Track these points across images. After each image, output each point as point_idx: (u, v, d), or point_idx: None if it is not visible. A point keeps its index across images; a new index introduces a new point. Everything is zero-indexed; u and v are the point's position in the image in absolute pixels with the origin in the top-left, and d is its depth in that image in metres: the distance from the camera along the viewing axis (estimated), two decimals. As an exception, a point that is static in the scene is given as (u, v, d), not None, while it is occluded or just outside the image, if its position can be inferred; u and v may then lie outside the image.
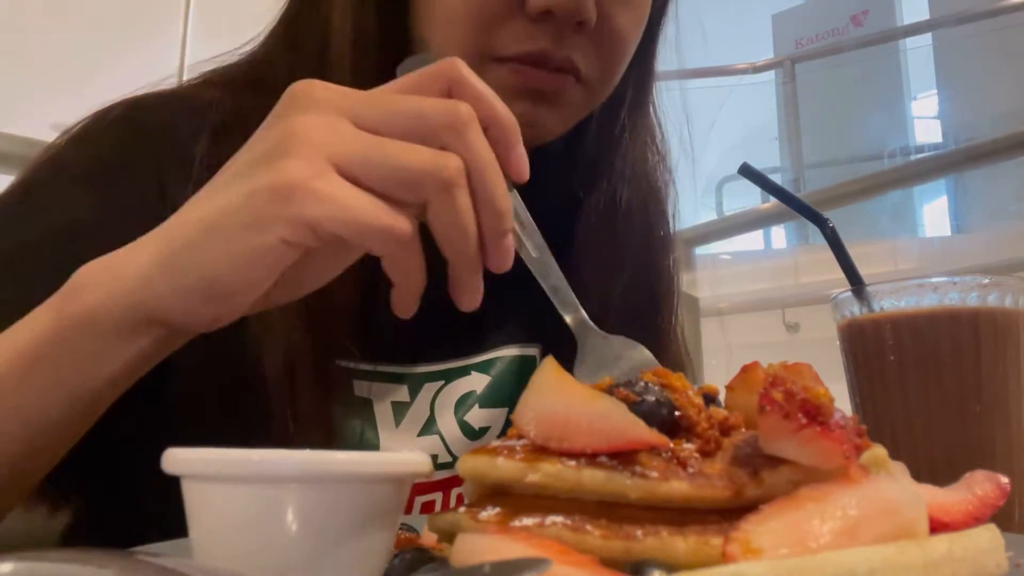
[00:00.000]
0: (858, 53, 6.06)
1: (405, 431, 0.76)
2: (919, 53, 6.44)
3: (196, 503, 0.38)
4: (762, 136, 6.34)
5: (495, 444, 0.40)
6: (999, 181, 5.24)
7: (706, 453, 0.37)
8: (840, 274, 0.66)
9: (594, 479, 0.36)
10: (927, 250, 5.55)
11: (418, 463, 0.39)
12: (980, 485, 0.43)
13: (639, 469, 0.36)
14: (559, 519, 0.36)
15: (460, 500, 0.77)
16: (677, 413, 0.39)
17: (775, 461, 0.36)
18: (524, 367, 0.83)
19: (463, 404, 0.79)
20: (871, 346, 0.63)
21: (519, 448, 0.39)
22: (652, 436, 0.37)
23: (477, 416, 0.79)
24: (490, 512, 0.38)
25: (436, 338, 0.74)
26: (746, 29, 6.61)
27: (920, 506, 0.36)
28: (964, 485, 0.43)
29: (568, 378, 0.39)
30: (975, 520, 0.40)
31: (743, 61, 5.67)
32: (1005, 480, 0.43)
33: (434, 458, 0.76)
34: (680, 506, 0.35)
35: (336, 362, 0.70)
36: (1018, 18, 5.29)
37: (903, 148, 6.18)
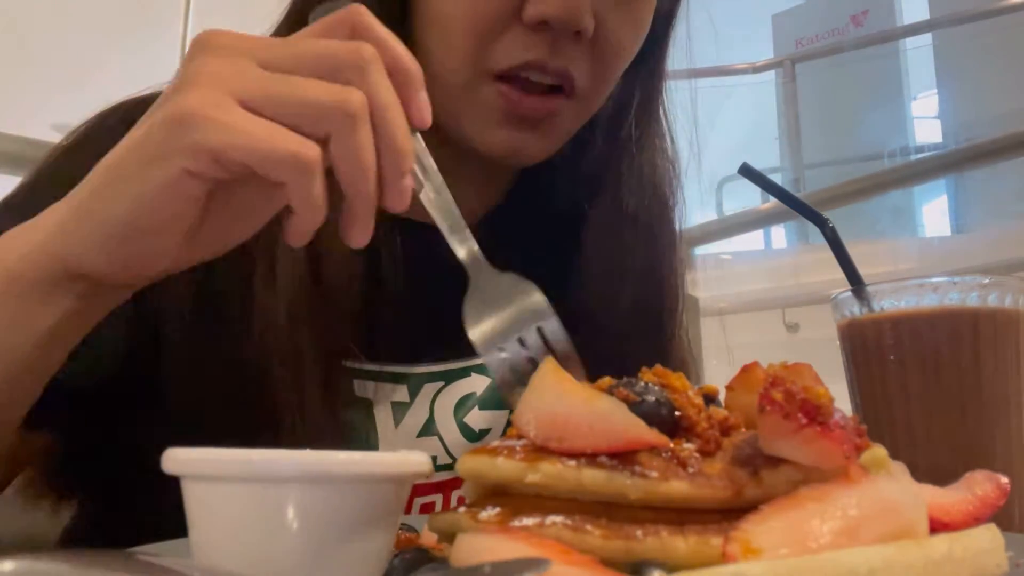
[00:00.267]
0: (858, 53, 6.05)
1: (404, 432, 0.75)
2: (919, 53, 6.43)
3: (196, 503, 0.38)
4: (762, 136, 6.34)
5: (495, 444, 0.40)
6: (999, 181, 5.24)
7: (706, 453, 0.37)
8: (840, 274, 0.66)
9: (594, 479, 0.36)
10: (927, 250, 5.54)
11: (418, 463, 0.39)
12: (980, 485, 0.43)
13: (639, 469, 0.36)
14: (559, 519, 0.36)
15: (460, 502, 0.77)
16: (677, 413, 0.39)
17: (775, 461, 0.36)
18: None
19: (463, 406, 0.78)
20: (871, 346, 0.63)
21: (519, 448, 0.39)
22: (652, 436, 0.37)
23: (477, 418, 0.79)
24: (490, 512, 0.38)
25: (436, 338, 0.74)
26: (746, 29, 6.61)
27: (920, 506, 0.36)
28: (964, 485, 0.43)
29: (568, 378, 0.39)
30: (975, 520, 0.40)
31: (743, 61, 5.67)
32: (1005, 480, 0.43)
33: (433, 460, 0.75)
34: (680, 506, 0.35)
35: (341, 362, 0.70)
36: (1018, 18, 5.29)
37: (903, 148, 6.17)
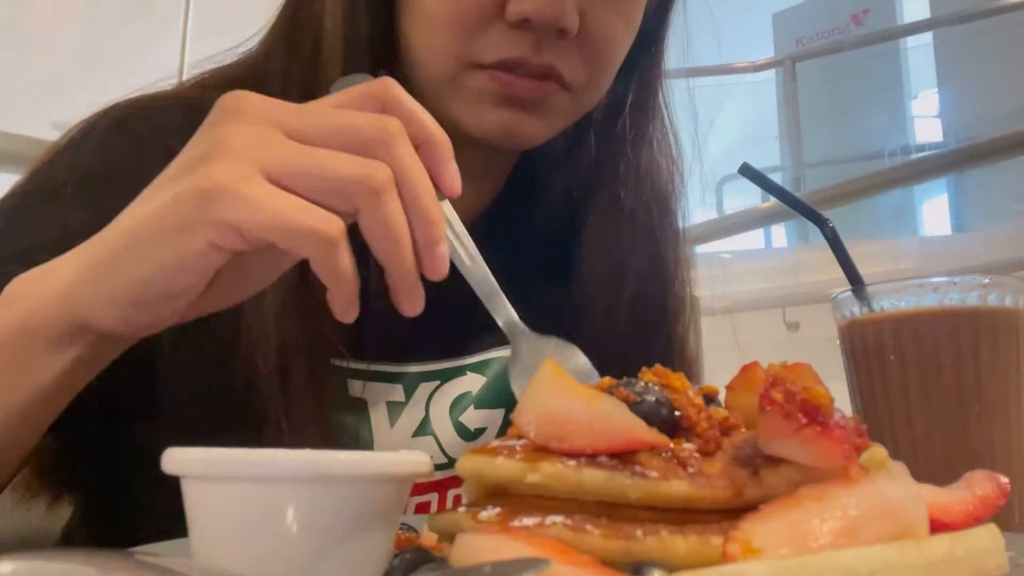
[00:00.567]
0: (859, 52, 6.04)
1: (400, 432, 0.75)
2: (920, 52, 6.43)
3: (196, 503, 0.38)
4: (762, 135, 6.34)
5: (495, 444, 0.40)
6: (999, 180, 5.24)
7: (706, 453, 0.37)
8: (840, 273, 0.66)
9: (594, 479, 0.36)
10: (927, 249, 5.54)
11: (418, 463, 0.39)
12: (980, 485, 0.42)
13: (639, 469, 0.36)
14: (559, 519, 0.36)
15: (456, 501, 0.77)
16: (677, 413, 0.39)
17: (775, 461, 0.36)
18: None
19: (458, 405, 0.78)
20: (871, 346, 0.63)
21: (519, 448, 0.39)
22: (652, 436, 0.37)
23: (473, 417, 0.78)
24: (490, 512, 0.38)
25: (430, 337, 0.74)
26: (746, 28, 6.61)
27: (920, 506, 0.36)
28: (964, 485, 0.43)
29: (568, 378, 0.39)
30: (975, 520, 0.40)
31: (743, 60, 5.66)
32: (1005, 480, 0.43)
33: None
34: (680, 506, 0.35)
35: (330, 361, 0.70)
36: (1018, 17, 5.29)
37: (903, 147, 6.17)
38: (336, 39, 0.70)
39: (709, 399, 0.42)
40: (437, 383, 0.77)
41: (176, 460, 0.37)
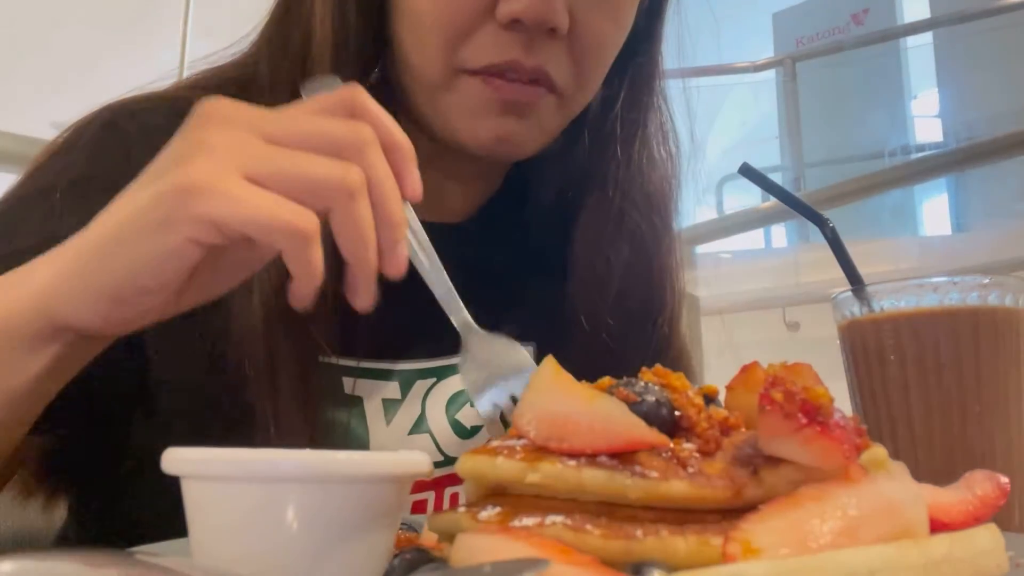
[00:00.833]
0: (859, 52, 6.04)
1: (396, 429, 0.75)
2: (920, 52, 6.43)
3: (196, 503, 0.38)
4: (762, 135, 6.34)
5: (495, 444, 0.40)
6: (999, 180, 5.24)
7: (706, 453, 0.37)
8: (840, 273, 0.66)
9: (594, 479, 0.36)
10: (927, 249, 5.54)
11: (418, 463, 0.39)
12: (980, 485, 0.42)
13: (639, 469, 0.36)
14: (559, 519, 0.36)
15: (454, 499, 0.77)
16: (677, 413, 0.39)
17: (775, 461, 0.36)
18: None
19: (454, 402, 0.78)
20: (871, 346, 0.63)
21: (519, 448, 0.39)
22: (652, 436, 0.37)
23: (469, 415, 0.78)
24: (490, 512, 0.38)
25: (426, 334, 0.74)
26: (746, 27, 6.61)
27: (920, 506, 0.36)
28: (964, 485, 0.43)
29: (568, 378, 0.39)
30: (975, 520, 0.40)
31: (743, 59, 5.66)
32: (1005, 480, 0.43)
33: None
34: (680, 506, 0.36)
35: (321, 359, 0.70)
36: (1018, 17, 5.28)
37: (904, 147, 6.17)
38: (325, 41, 0.70)
39: (709, 399, 0.42)
40: (433, 380, 0.77)
41: (176, 460, 0.37)
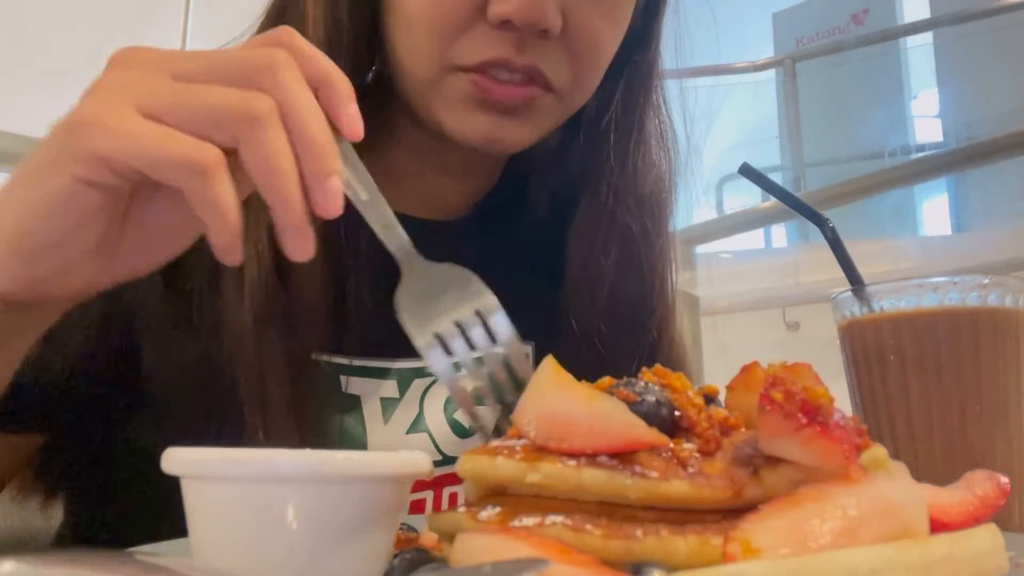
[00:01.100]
0: (859, 52, 6.04)
1: (394, 428, 0.75)
2: (920, 52, 6.43)
3: (196, 503, 0.38)
4: (762, 135, 6.33)
5: (495, 444, 0.40)
6: (1000, 180, 5.23)
7: (706, 453, 0.37)
8: (840, 273, 0.66)
9: (594, 479, 0.36)
10: (927, 249, 5.54)
11: (418, 463, 0.39)
12: (980, 485, 0.43)
13: (639, 469, 0.36)
14: (559, 519, 0.36)
15: (452, 498, 0.77)
16: (677, 413, 0.39)
17: (775, 461, 0.36)
18: None
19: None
20: (871, 346, 0.63)
21: (519, 448, 0.39)
22: (652, 436, 0.37)
23: None
24: (490, 512, 0.38)
25: None
26: (746, 27, 6.61)
27: (920, 506, 0.36)
28: (964, 485, 0.43)
29: (568, 378, 0.39)
30: (975, 520, 0.40)
31: (743, 60, 5.66)
32: (1005, 480, 0.43)
33: None
34: (680, 506, 0.35)
35: (315, 358, 0.69)
36: (1018, 17, 5.28)
37: (904, 147, 6.17)
38: (318, 42, 0.70)
39: (709, 399, 0.42)
40: (432, 379, 0.77)
41: (176, 460, 0.37)
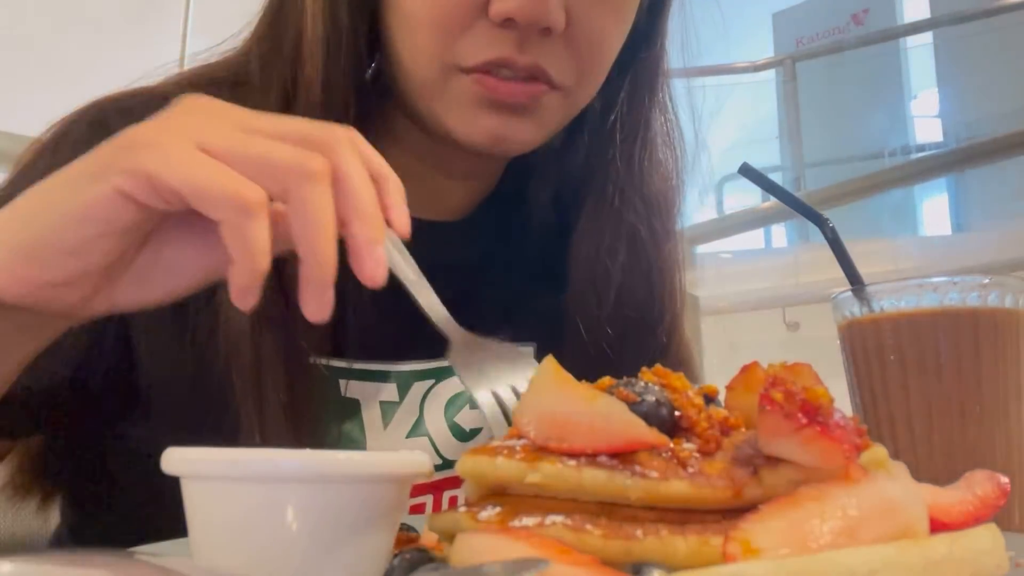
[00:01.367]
0: (859, 52, 6.04)
1: (393, 432, 0.74)
2: (920, 52, 6.44)
3: (196, 503, 0.38)
4: (762, 135, 6.34)
5: (495, 444, 0.40)
6: (1000, 180, 5.24)
7: (706, 453, 0.37)
8: (840, 273, 0.66)
9: (594, 479, 0.36)
10: (927, 249, 5.54)
11: (418, 463, 0.39)
12: (980, 485, 0.42)
13: (639, 469, 0.36)
14: (559, 519, 0.36)
15: (452, 503, 0.76)
16: (677, 413, 0.39)
17: (775, 461, 0.36)
18: None
19: (453, 404, 0.77)
20: (871, 346, 0.63)
21: (519, 448, 0.39)
22: (652, 436, 0.37)
23: (468, 417, 0.77)
24: (490, 512, 0.38)
25: (422, 334, 0.73)
26: (747, 27, 6.61)
27: (920, 506, 0.36)
28: (964, 485, 0.43)
29: (568, 378, 0.39)
30: (975, 520, 0.40)
31: (743, 60, 5.66)
32: (1005, 480, 0.43)
33: None
34: (680, 506, 0.35)
35: (314, 361, 0.69)
36: (1018, 17, 5.29)
37: (904, 147, 6.17)
38: (316, 39, 0.69)
39: (709, 399, 0.42)
40: (432, 382, 0.76)
41: (176, 460, 0.37)
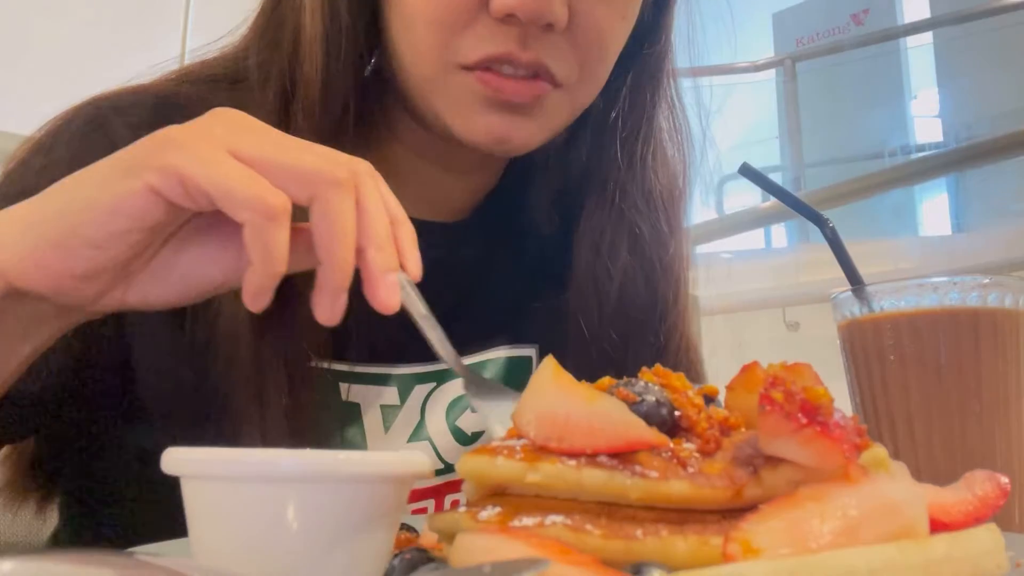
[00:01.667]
0: (859, 52, 6.04)
1: (395, 436, 0.74)
2: (920, 52, 6.43)
3: (196, 503, 0.38)
4: (762, 135, 6.33)
5: (495, 444, 0.40)
6: (999, 180, 5.24)
7: (706, 453, 0.37)
8: (840, 273, 0.66)
9: (594, 479, 0.36)
10: (927, 249, 5.53)
11: (419, 463, 0.39)
12: (980, 485, 0.42)
13: (639, 469, 0.36)
14: (559, 519, 0.36)
15: (454, 507, 0.76)
16: (677, 413, 0.39)
17: (775, 461, 0.36)
18: (518, 368, 0.81)
19: (455, 407, 0.77)
20: (871, 346, 0.63)
21: (519, 448, 0.39)
22: (652, 436, 0.37)
23: (469, 420, 0.77)
24: (490, 512, 0.38)
25: (422, 336, 0.73)
26: (747, 28, 6.61)
27: (920, 506, 0.36)
28: (964, 485, 0.43)
29: (568, 378, 0.39)
30: (975, 520, 0.40)
31: (743, 60, 5.65)
32: (1005, 480, 0.43)
33: None
34: (680, 506, 0.35)
35: (313, 364, 0.68)
36: (1018, 17, 5.28)
37: (903, 147, 6.17)
38: (315, 35, 0.69)
39: (709, 399, 0.42)
40: (433, 385, 0.76)
41: (176, 460, 0.37)
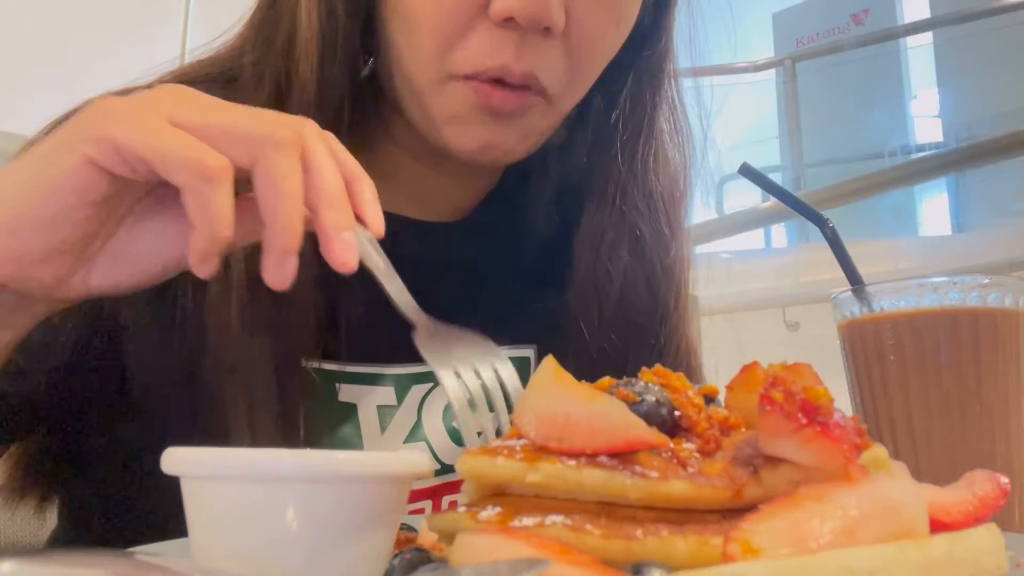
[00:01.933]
0: (859, 52, 6.04)
1: (391, 437, 0.73)
2: (920, 52, 6.44)
3: (196, 503, 0.38)
4: (762, 135, 6.33)
5: (495, 444, 0.40)
6: (999, 180, 5.24)
7: (706, 453, 0.37)
8: (840, 273, 0.66)
9: (594, 479, 0.36)
10: (927, 249, 5.53)
11: (419, 463, 0.39)
12: (980, 485, 0.42)
13: (639, 469, 0.36)
14: (559, 519, 0.36)
15: (452, 507, 0.75)
16: (677, 413, 0.39)
17: (775, 461, 0.36)
18: (517, 369, 0.81)
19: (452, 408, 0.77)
20: (871, 346, 0.63)
21: (519, 448, 0.39)
22: (652, 436, 0.37)
23: None
24: (490, 512, 0.38)
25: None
26: (746, 28, 6.61)
27: (920, 506, 0.36)
28: (964, 485, 0.43)
29: (568, 378, 0.39)
30: (975, 520, 0.40)
31: (743, 60, 5.65)
32: (1005, 480, 0.43)
33: None
34: (680, 506, 0.35)
35: (307, 364, 0.68)
36: (1018, 17, 5.28)
37: (903, 147, 6.17)
38: (311, 34, 0.68)
39: (709, 399, 0.42)
40: (430, 385, 0.75)
41: (176, 460, 0.37)
